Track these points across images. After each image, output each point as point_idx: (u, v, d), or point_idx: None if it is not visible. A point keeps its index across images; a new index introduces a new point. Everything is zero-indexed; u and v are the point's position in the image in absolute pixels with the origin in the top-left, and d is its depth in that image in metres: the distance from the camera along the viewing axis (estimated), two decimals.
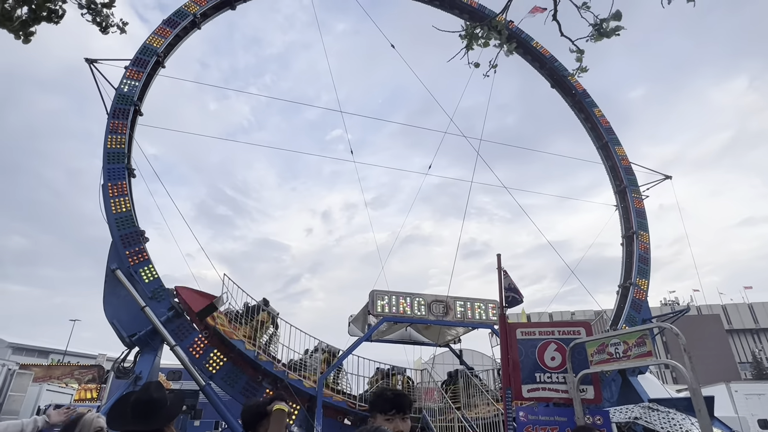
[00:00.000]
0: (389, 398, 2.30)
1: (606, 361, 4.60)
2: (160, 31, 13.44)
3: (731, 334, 52.48)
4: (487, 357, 26.08)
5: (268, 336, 11.72)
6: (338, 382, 12.34)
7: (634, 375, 12.93)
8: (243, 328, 11.20)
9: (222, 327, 10.67)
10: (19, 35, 3.71)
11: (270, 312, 11.90)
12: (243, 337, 10.88)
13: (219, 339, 10.68)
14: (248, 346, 10.76)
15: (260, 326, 11.47)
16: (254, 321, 11.42)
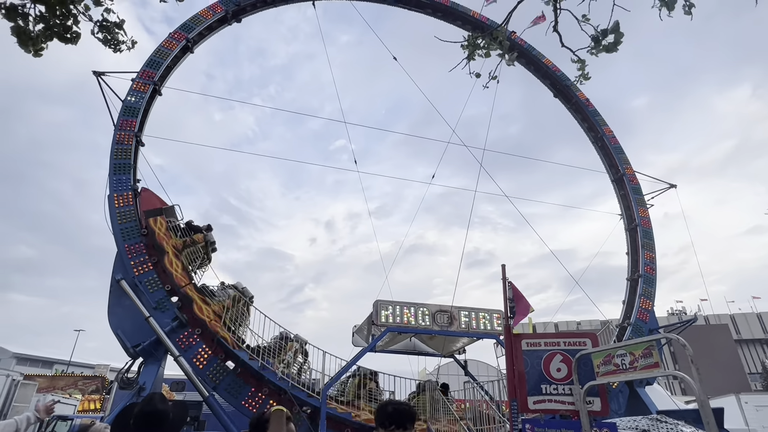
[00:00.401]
0: (388, 413, 2.29)
1: (612, 373, 4.54)
2: (166, 44, 13.65)
3: (740, 344, 51.74)
4: (492, 368, 25.87)
5: (299, 365, 11.67)
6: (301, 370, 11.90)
7: (641, 386, 12.77)
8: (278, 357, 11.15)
9: (223, 336, 10.62)
10: (30, 50, 3.80)
11: (299, 341, 11.85)
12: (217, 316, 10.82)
13: (223, 349, 10.66)
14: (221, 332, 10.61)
15: (285, 351, 11.42)
16: (283, 352, 11.38)
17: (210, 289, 11.37)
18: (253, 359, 10.67)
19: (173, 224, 11.55)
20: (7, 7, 3.56)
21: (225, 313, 10.94)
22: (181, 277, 10.74)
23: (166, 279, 10.66)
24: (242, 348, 10.74)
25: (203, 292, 11.03)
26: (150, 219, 11.01)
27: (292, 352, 11.48)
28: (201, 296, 10.80)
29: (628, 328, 14.66)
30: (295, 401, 10.56)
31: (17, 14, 3.72)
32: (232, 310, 11.28)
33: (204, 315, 10.53)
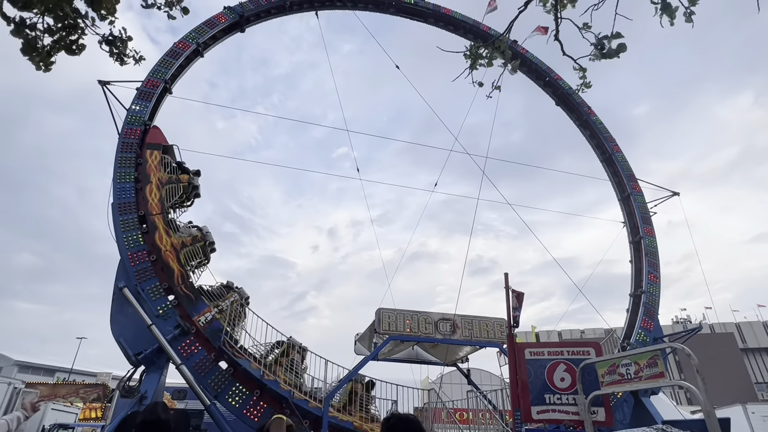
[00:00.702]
0: (390, 425, 2.28)
1: (617, 382, 4.51)
2: (171, 53, 13.77)
3: (746, 353, 51.18)
4: (495, 376, 25.66)
5: (301, 370, 11.64)
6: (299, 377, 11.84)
7: (646, 396, 12.64)
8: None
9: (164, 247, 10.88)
10: (40, 66, 3.84)
11: (294, 343, 11.83)
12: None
13: (226, 358, 10.63)
14: (268, 375, 10.65)
15: (291, 363, 11.45)
16: (282, 357, 11.40)
17: (176, 224, 11.89)
18: (256, 368, 10.63)
19: (167, 160, 12.20)
20: (16, 22, 3.60)
21: (182, 249, 11.35)
22: (155, 206, 11.27)
23: (142, 206, 11.21)
24: (186, 288, 10.86)
25: (170, 225, 11.48)
26: (148, 150, 11.90)
27: (293, 357, 11.43)
28: (165, 227, 11.26)
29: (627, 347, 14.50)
30: (297, 410, 10.50)
31: (26, 27, 3.76)
32: (190, 248, 11.67)
33: (162, 244, 10.96)
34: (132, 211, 11.17)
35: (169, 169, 12.15)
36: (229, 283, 12.46)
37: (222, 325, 10.83)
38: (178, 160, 12.78)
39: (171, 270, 10.83)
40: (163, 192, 11.57)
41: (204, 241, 12.14)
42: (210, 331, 10.69)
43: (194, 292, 11.02)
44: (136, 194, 11.34)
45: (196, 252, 11.91)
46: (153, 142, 12.19)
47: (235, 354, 10.65)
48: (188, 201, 12.84)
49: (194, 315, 10.68)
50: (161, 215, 11.26)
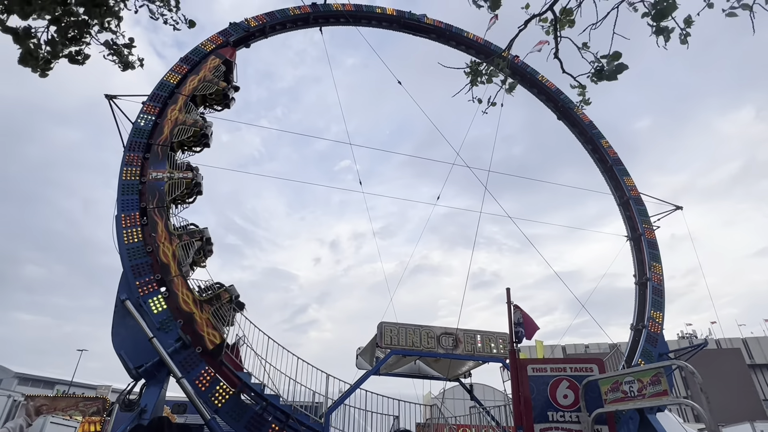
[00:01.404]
0: None
1: (620, 400, 4.46)
2: (177, 68, 13.97)
3: (753, 369, 50.34)
4: (498, 392, 25.33)
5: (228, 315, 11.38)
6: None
7: (652, 413, 12.43)
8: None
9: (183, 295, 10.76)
10: (37, 70, 3.91)
11: (229, 291, 11.68)
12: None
13: (226, 371, 10.56)
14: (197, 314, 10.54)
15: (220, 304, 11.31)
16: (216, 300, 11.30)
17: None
18: (256, 384, 10.56)
19: (221, 70, 14.43)
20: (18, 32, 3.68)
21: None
22: (273, 391, 10.93)
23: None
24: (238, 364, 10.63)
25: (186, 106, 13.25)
26: (212, 55, 14.52)
27: (225, 302, 11.32)
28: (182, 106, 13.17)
29: (643, 331, 14.49)
30: (298, 424, 10.39)
31: (29, 37, 3.84)
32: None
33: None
34: (136, 223, 11.22)
35: (218, 74, 14.23)
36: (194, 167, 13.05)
37: (164, 187, 11.75)
38: (231, 78, 14.84)
39: (161, 133, 12.37)
40: (200, 84, 13.79)
41: (200, 130, 13.28)
42: (150, 186, 11.65)
43: (164, 154, 12.18)
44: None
45: (180, 185, 12.37)
46: (223, 53, 14.60)
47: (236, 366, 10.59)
48: (218, 106, 14.79)
49: (151, 169, 11.82)
50: (186, 96, 13.20)
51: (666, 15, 3.78)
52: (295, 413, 10.59)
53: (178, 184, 12.22)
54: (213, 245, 12.90)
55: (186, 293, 10.80)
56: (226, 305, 11.39)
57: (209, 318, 10.74)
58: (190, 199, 13.09)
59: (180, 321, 10.44)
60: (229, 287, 11.94)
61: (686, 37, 3.69)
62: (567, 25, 4.07)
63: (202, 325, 10.56)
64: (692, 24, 3.56)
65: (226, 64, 14.63)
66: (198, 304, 10.78)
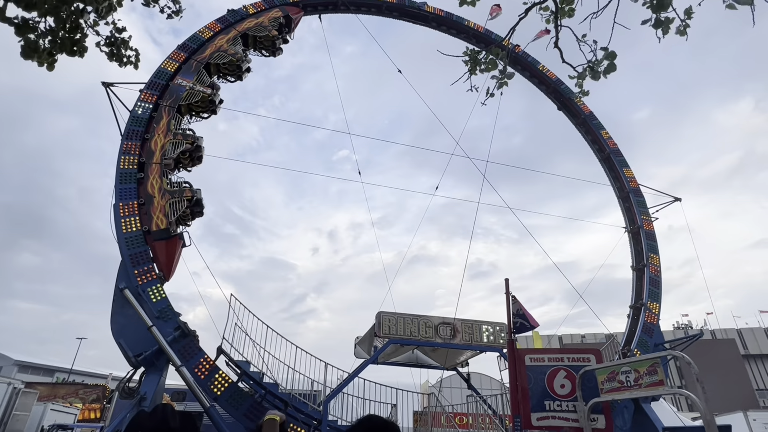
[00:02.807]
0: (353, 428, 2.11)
1: (617, 390, 4.50)
2: (174, 55, 13.82)
3: (748, 360, 50.91)
4: (496, 381, 25.57)
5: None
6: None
7: (647, 402, 12.57)
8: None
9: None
10: (42, 63, 3.87)
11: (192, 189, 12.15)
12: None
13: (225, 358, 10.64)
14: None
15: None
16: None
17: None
18: (255, 372, 10.63)
19: (237, 40, 14.63)
20: (18, 23, 3.63)
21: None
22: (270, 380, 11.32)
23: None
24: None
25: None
26: (222, 34, 14.63)
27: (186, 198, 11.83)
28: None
29: (641, 310, 14.74)
30: (297, 412, 10.49)
31: (28, 28, 3.79)
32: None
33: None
34: (134, 212, 11.20)
35: (233, 42, 14.48)
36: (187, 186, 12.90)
37: (184, 93, 12.72)
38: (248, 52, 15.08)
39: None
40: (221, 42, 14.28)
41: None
42: (172, 89, 12.93)
43: (197, 71, 13.27)
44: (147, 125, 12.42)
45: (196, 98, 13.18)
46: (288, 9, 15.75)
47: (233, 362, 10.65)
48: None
49: (180, 76, 13.00)
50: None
51: (665, 6, 3.73)
52: (294, 401, 10.68)
53: (195, 95, 13.23)
54: (203, 151, 13.43)
55: (155, 179, 11.62)
56: (184, 201, 11.98)
57: (165, 206, 11.47)
58: (191, 166, 13.43)
59: (142, 200, 11.27)
60: (195, 189, 12.42)
61: (685, 28, 3.65)
62: (567, 15, 4.03)
63: (156, 208, 11.33)
64: (692, 15, 3.52)
65: (286, 20, 15.63)
66: (162, 191, 11.56)
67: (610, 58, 3.87)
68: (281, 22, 15.49)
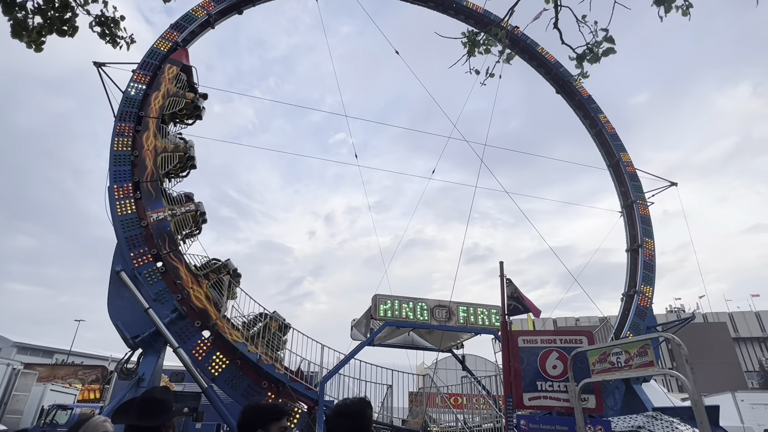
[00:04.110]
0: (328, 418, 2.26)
1: (608, 371, 4.58)
2: (167, 35, 13.57)
3: (738, 343, 51.83)
4: (490, 362, 25.95)
5: (277, 341, 11.77)
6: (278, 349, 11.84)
7: (638, 383, 12.82)
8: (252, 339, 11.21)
9: (230, 335, 10.66)
10: (31, 45, 3.78)
11: (277, 319, 11.94)
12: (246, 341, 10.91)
13: (222, 342, 10.71)
14: (251, 348, 10.78)
15: (270, 335, 11.56)
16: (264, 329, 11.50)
17: (166, 131, 12.54)
18: (251, 352, 10.72)
19: (181, 77, 13.13)
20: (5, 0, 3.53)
21: (162, 153, 11.91)
22: (154, 110, 12.05)
23: (143, 107, 12.05)
24: (221, 320, 10.77)
25: (160, 130, 12.15)
26: (168, 63, 12.91)
27: (275, 330, 11.61)
28: (155, 130, 12.03)
29: (633, 297, 14.91)
30: (293, 393, 10.63)
31: (15, 6, 3.69)
32: (169, 155, 12.15)
33: (146, 143, 11.79)
34: (129, 194, 11.13)
35: (180, 84, 13.08)
36: (189, 194, 12.85)
37: (170, 226, 11.27)
38: (194, 82, 13.75)
39: (144, 167, 11.47)
40: (167, 101, 12.41)
41: (185, 153, 12.71)
42: (156, 229, 11.07)
43: (156, 191, 11.50)
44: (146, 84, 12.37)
45: (187, 221, 12.25)
46: (176, 58, 13.18)
47: (231, 336, 10.73)
48: (189, 119, 13.74)
49: (149, 210, 11.19)
50: (155, 119, 11.98)
51: None
52: (291, 382, 10.81)
53: (178, 102, 12.81)
54: (195, 159, 13.29)
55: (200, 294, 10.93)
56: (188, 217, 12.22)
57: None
58: (190, 120, 13.56)
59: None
60: (198, 203, 12.57)
61: (688, 8, 3.59)
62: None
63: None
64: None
65: (185, 71, 13.43)
66: (210, 300, 10.95)
67: (609, 42, 3.82)
68: (184, 78, 13.40)
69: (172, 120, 13.21)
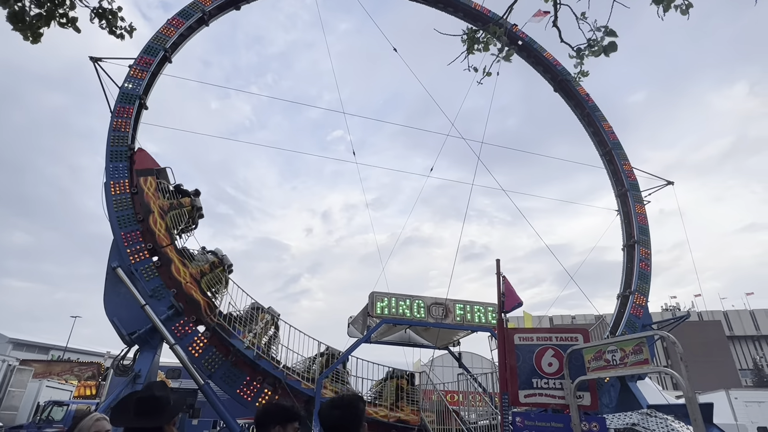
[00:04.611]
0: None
1: (603, 368, 4.61)
2: (165, 30, 13.51)
3: (732, 341, 52.22)
4: (486, 360, 26.07)
5: (268, 337, 11.79)
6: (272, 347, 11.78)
7: (633, 381, 12.91)
8: (245, 333, 11.22)
9: (183, 276, 10.70)
10: (28, 36, 3.75)
11: (272, 314, 11.97)
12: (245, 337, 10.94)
13: (218, 338, 10.71)
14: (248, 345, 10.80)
15: (262, 328, 11.55)
16: (256, 324, 11.49)
17: (190, 252, 11.49)
18: (249, 348, 10.73)
19: (163, 185, 11.68)
20: None
21: (202, 278, 11.07)
22: (164, 238, 10.84)
23: (149, 238, 10.75)
24: (215, 316, 10.80)
25: (183, 254, 11.11)
26: (141, 178, 11.25)
27: (263, 323, 11.57)
28: (180, 258, 10.88)
29: (629, 297, 14.92)
30: (290, 391, 10.64)
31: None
32: (210, 275, 11.37)
33: (180, 276, 10.63)
34: (125, 190, 11.10)
35: (168, 194, 11.64)
36: (223, 258, 12.15)
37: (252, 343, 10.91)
38: (175, 184, 12.27)
39: (196, 302, 10.53)
40: (167, 220, 11.13)
41: (222, 266, 11.86)
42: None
43: (225, 320, 10.87)
44: (140, 224, 10.87)
45: (218, 278, 11.69)
46: (143, 167, 11.37)
47: (227, 332, 10.72)
48: (193, 224, 12.47)
49: (232, 340, 10.66)
50: (172, 246, 10.89)
51: None
52: (288, 379, 10.82)
53: (180, 215, 11.87)
54: (233, 265, 12.62)
55: (180, 267, 10.79)
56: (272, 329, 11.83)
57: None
58: (194, 225, 12.58)
59: (174, 290, 10.53)
60: (222, 256, 12.07)
61: (688, 7, 3.59)
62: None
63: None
64: None
65: (160, 175, 11.83)
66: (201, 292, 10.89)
67: (611, 36, 3.81)
68: (166, 185, 11.89)
69: (179, 235, 11.93)
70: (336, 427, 2.14)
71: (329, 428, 2.16)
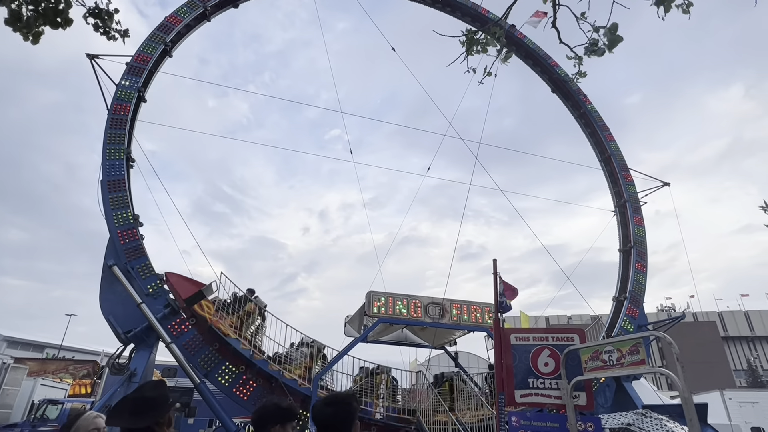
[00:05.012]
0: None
1: (599, 368, 4.62)
2: (162, 27, 13.46)
3: (727, 342, 52.50)
4: (482, 360, 26.11)
5: (255, 327, 11.78)
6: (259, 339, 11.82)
7: (628, 381, 12.95)
8: (230, 318, 11.20)
9: (208, 315, 10.65)
10: (27, 37, 3.72)
11: (257, 303, 11.95)
12: (229, 326, 10.92)
13: (215, 337, 10.68)
14: (233, 336, 10.78)
15: (247, 317, 11.57)
16: (241, 311, 11.49)
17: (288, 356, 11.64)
18: (245, 348, 10.71)
19: (219, 303, 11.19)
20: None
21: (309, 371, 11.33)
22: (252, 349, 11.02)
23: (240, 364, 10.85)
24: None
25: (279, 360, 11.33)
26: (195, 306, 10.57)
27: (245, 313, 11.58)
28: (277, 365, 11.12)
29: (624, 302, 14.89)
30: (287, 390, 10.63)
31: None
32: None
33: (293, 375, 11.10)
34: (122, 188, 11.05)
35: (228, 309, 11.27)
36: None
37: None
38: (230, 294, 11.66)
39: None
40: (249, 335, 11.38)
41: (317, 350, 12.07)
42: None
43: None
44: (217, 351, 10.76)
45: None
46: (189, 295, 10.36)
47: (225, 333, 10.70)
48: (264, 323, 12.22)
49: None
50: (262, 353, 11.29)
51: None
52: (284, 378, 10.81)
53: (251, 321, 11.89)
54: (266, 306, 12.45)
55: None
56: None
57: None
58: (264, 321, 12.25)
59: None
60: (256, 299, 12.00)
61: (689, 6, 3.59)
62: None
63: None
64: None
65: (206, 293, 10.69)
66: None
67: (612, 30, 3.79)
68: (225, 301, 11.40)
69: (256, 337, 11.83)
70: (329, 425, 2.16)
71: (322, 426, 2.18)
